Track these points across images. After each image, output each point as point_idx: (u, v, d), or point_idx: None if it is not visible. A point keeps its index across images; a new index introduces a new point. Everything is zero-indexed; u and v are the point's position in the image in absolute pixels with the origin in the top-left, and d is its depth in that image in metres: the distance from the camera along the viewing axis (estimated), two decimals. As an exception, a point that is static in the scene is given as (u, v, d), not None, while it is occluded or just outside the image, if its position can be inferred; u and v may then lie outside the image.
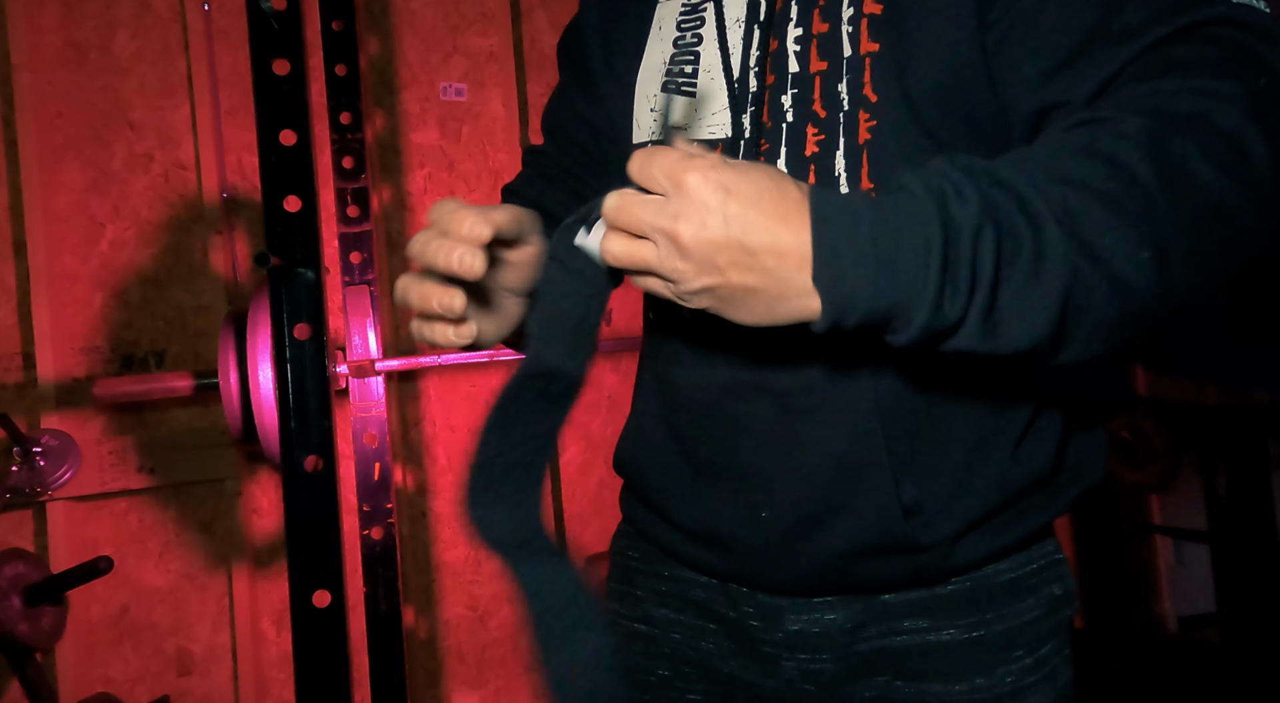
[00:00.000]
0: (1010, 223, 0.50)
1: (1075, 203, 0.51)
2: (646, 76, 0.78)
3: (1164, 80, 0.55)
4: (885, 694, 0.75)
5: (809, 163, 0.69)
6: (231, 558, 1.88)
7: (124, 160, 1.88)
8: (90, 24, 1.87)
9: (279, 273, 1.27)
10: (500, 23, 2.10)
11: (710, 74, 0.74)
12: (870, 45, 0.66)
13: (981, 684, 0.73)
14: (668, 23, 0.78)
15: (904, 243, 0.50)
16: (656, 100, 0.73)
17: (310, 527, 1.27)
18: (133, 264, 1.88)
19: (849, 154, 0.68)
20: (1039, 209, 0.50)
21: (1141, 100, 0.55)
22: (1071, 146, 0.53)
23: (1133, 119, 0.53)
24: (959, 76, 0.65)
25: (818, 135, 0.69)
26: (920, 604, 0.75)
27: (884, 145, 0.66)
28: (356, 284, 1.83)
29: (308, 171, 1.29)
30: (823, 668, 0.76)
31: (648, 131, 0.77)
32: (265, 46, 1.28)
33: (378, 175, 2.04)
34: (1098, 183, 0.51)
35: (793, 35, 0.70)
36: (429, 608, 2.04)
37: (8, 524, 1.78)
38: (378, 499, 1.77)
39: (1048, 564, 0.78)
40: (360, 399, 1.78)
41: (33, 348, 1.77)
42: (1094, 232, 0.50)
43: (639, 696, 0.84)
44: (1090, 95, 0.59)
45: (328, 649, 1.27)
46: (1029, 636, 0.75)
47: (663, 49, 0.77)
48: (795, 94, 0.70)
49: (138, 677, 1.86)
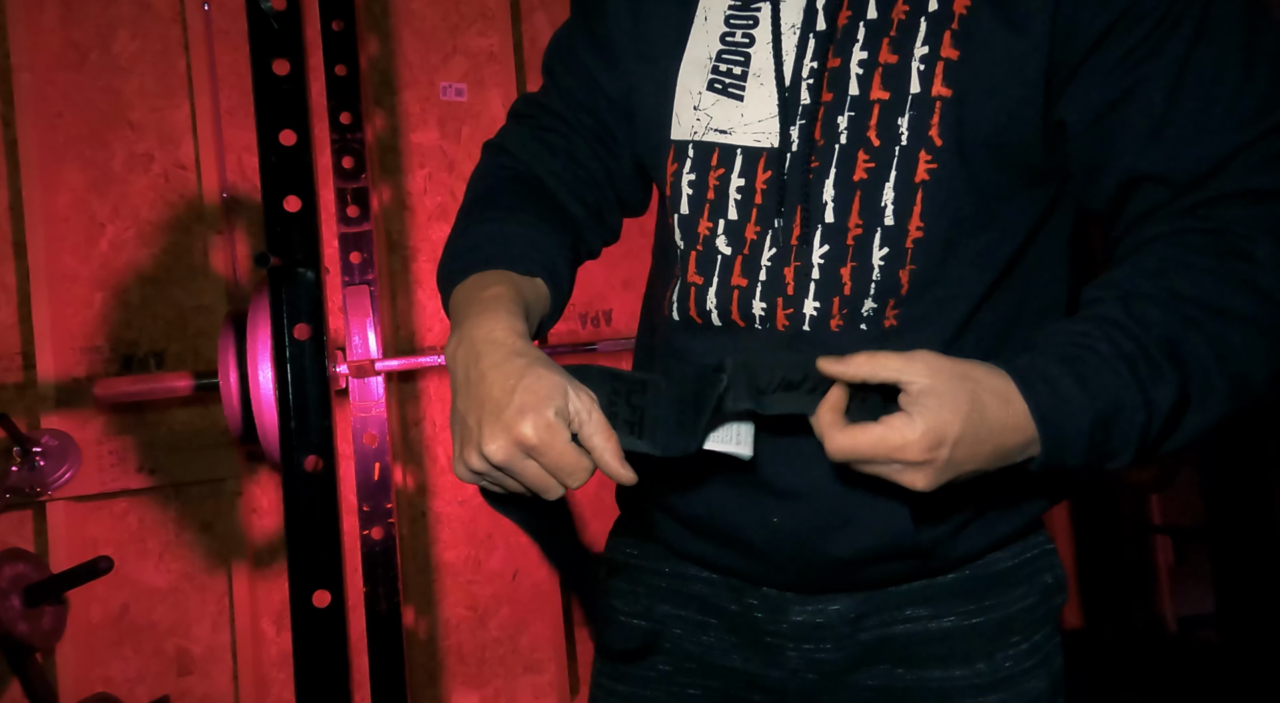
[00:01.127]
0: (1193, 384, 0.62)
1: (1232, 336, 0.62)
2: (690, 70, 0.75)
3: (1274, 176, 0.62)
4: (888, 682, 0.77)
5: (856, 188, 0.69)
6: (231, 558, 1.88)
7: (124, 160, 1.88)
8: (90, 24, 1.87)
9: (279, 273, 1.27)
10: (500, 23, 2.10)
11: (760, 79, 0.73)
12: (943, 89, 0.67)
13: (981, 669, 0.75)
14: (715, 15, 0.75)
15: (1115, 425, 0.62)
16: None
17: (310, 527, 1.27)
18: (133, 264, 1.88)
19: (899, 188, 0.68)
20: (1209, 362, 0.62)
21: (1260, 207, 0.63)
22: (1213, 272, 0.63)
23: (1264, 241, 0.62)
24: (1014, 131, 0.67)
25: (868, 163, 0.69)
26: (920, 593, 0.76)
27: (940, 187, 0.68)
28: (356, 284, 1.83)
29: (308, 172, 1.29)
30: (826, 657, 0.77)
31: (689, 130, 0.75)
32: (265, 46, 1.28)
33: (378, 175, 2.04)
34: (1249, 312, 0.62)
35: (857, 58, 0.69)
36: (429, 608, 2.04)
37: (8, 524, 1.78)
38: (378, 499, 1.77)
39: (1040, 554, 0.80)
40: (360, 399, 1.78)
41: (33, 348, 1.77)
42: (1248, 363, 0.63)
43: (640, 691, 0.85)
44: (1197, 177, 0.64)
45: (328, 649, 1.27)
46: (1024, 622, 0.77)
47: (708, 44, 0.75)
48: (852, 117, 0.69)
49: (138, 677, 1.86)
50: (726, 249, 0.74)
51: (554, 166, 0.84)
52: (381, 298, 1.94)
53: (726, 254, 0.74)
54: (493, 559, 2.08)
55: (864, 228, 0.69)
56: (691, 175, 0.75)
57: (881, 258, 0.69)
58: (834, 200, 0.70)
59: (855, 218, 0.69)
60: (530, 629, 2.09)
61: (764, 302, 0.72)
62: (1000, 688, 0.75)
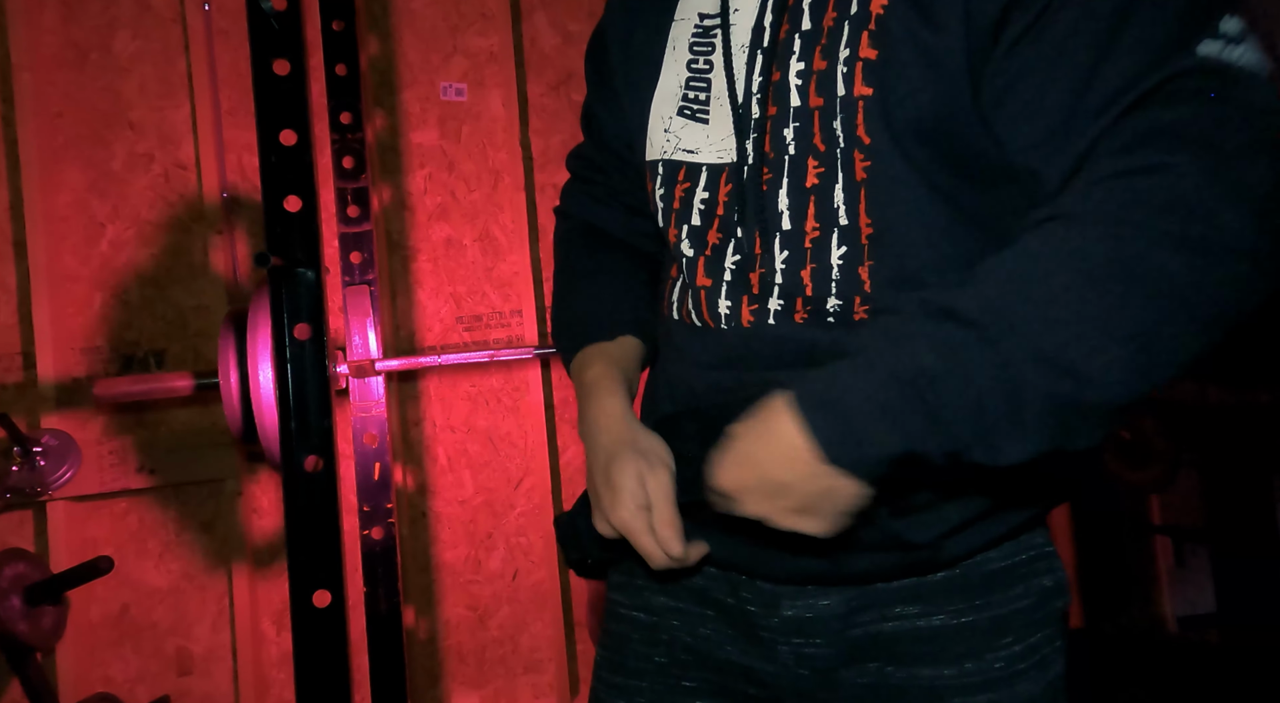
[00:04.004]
0: (987, 389, 0.57)
1: (1054, 315, 0.56)
2: (662, 98, 0.81)
3: (1128, 157, 0.58)
4: (878, 680, 0.77)
5: (809, 194, 0.72)
6: (231, 558, 1.88)
7: (124, 160, 1.88)
8: (90, 24, 1.87)
9: (279, 273, 1.27)
10: (500, 23, 2.10)
11: (720, 101, 0.77)
12: (864, 89, 0.68)
13: (970, 669, 0.75)
14: (681, 44, 0.80)
15: (887, 408, 0.59)
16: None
17: (310, 527, 1.27)
18: (133, 264, 1.88)
19: (847, 189, 0.71)
20: (1010, 355, 0.56)
21: (1104, 188, 0.58)
22: (1044, 255, 0.58)
23: (1093, 226, 0.57)
24: (948, 124, 0.68)
25: (818, 168, 0.71)
26: (911, 591, 0.76)
27: (879, 184, 0.69)
28: (356, 284, 1.83)
29: (308, 172, 1.29)
30: (817, 653, 0.78)
31: (659, 150, 0.81)
32: (265, 46, 1.28)
33: (378, 175, 2.04)
34: (1070, 294, 0.56)
35: (795, 68, 0.72)
36: (429, 608, 2.04)
37: (8, 524, 1.78)
38: (378, 499, 1.77)
39: (1038, 556, 0.80)
40: (360, 399, 1.78)
41: (33, 348, 1.77)
42: (1065, 346, 0.56)
43: (636, 682, 0.86)
44: (1065, 172, 0.62)
45: (328, 649, 1.27)
46: (1018, 623, 0.77)
47: (677, 72, 0.80)
48: (797, 127, 0.72)
49: (138, 677, 1.86)
50: (689, 252, 0.80)
51: (611, 215, 0.95)
52: (381, 298, 1.94)
53: (689, 256, 0.80)
54: (493, 559, 2.08)
55: (820, 230, 0.72)
56: (662, 190, 0.82)
57: (840, 257, 0.72)
58: (789, 208, 0.73)
59: (811, 221, 0.72)
60: (530, 629, 2.10)
61: (729, 301, 0.77)
62: (990, 689, 0.75)
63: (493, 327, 2.10)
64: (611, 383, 0.83)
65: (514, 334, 2.10)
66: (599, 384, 0.83)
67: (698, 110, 0.78)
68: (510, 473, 2.09)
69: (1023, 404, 0.56)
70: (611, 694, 0.88)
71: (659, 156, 0.81)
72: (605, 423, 0.79)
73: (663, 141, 0.81)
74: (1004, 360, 0.56)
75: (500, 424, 2.09)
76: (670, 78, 0.81)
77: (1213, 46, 0.58)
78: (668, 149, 0.80)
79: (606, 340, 0.87)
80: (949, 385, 0.57)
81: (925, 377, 0.57)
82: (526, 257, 2.08)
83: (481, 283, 2.10)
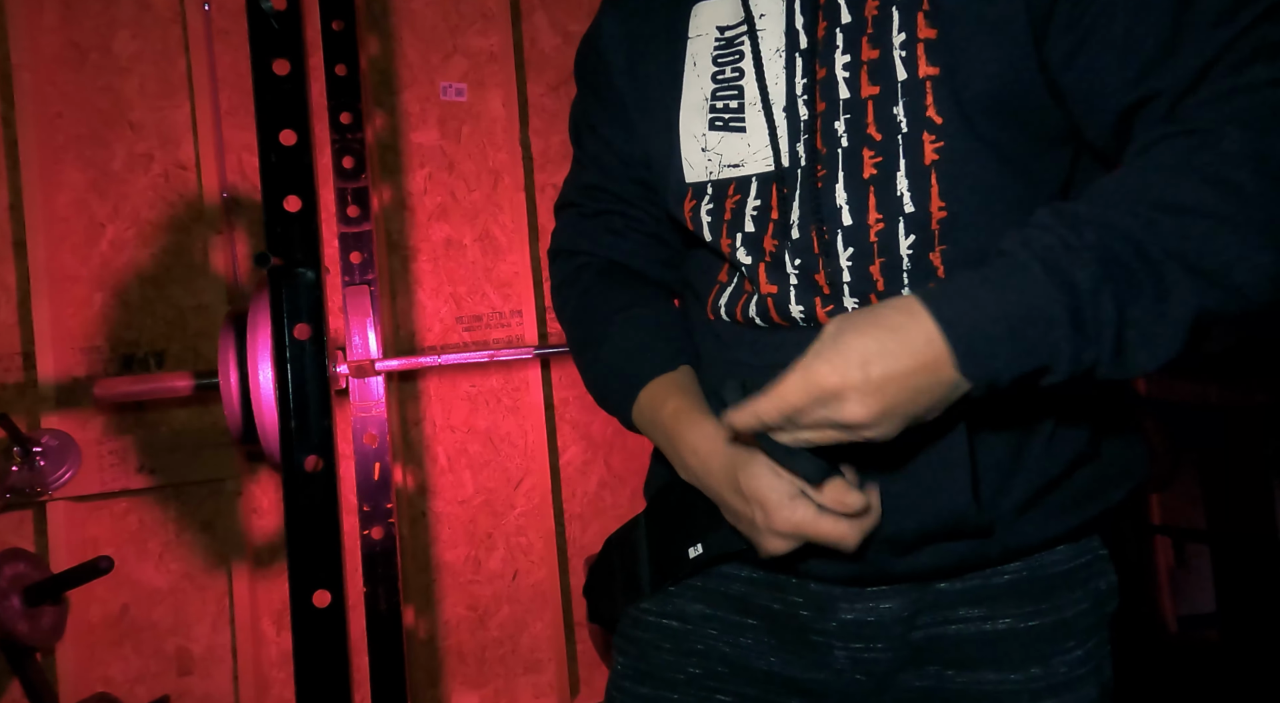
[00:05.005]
0: (1128, 272, 0.56)
1: (1192, 231, 0.56)
2: (690, 115, 0.78)
3: (1255, 69, 0.57)
4: (938, 684, 0.75)
5: (868, 185, 0.70)
6: (231, 558, 1.88)
7: (124, 160, 1.88)
8: (90, 24, 1.87)
9: (279, 273, 1.27)
10: (500, 23, 2.10)
11: (757, 107, 0.74)
12: (930, 69, 0.67)
13: (1037, 674, 0.74)
14: (703, 58, 0.78)
15: (1033, 320, 0.56)
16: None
17: (310, 527, 1.27)
18: (133, 264, 1.88)
19: (912, 174, 0.69)
20: (1153, 251, 0.56)
21: (1238, 100, 0.58)
22: (1175, 168, 0.57)
23: (1231, 131, 0.56)
24: (1016, 92, 0.67)
25: (874, 157, 0.70)
26: (975, 594, 0.75)
27: (953, 164, 0.68)
28: (356, 284, 1.83)
29: (308, 172, 1.29)
30: (878, 657, 0.76)
31: (703, 171, 0.78)
32: (265, 46, 1.28)
33: (378, 175, 2.04)
34: (1211, 205, 0.55)
35: (840, 62, 0.70)
36: (429, 608, 2.04)
37: (8, 524, 1.78)
38: (378, 499, 1.77)
39: (1094, 559, 0.79)
40: (360, 399, 1.78)
41: (33, 348, 1.77)
42: (1213, 256, 0.55)
43: (666, 694, 0.82)
44: (1187, 85, 0.61)
45: (328, 649, 1.27)
46: (1079, 628, 0.76)
47: (702, 86, 0.78)
48: (848, 119, 0.70)
49: (138, 677, 1.86)
50: (747, 259, 0.76)
51: (633, 247, 0.90)
52: (381, 298, 1.94)
53: (748, 263, 0.76)
54: (493, 559, 2.08)
55: (885, 221, 0.70)
56: (710, 205, 0.78)
57: (909, 246, 0.70)
58: (848, 203, 0.71)
59: (874, 214, 0.70)
60: (530, 629, 2.09)
61: (800, 305, 0.74)
62: (1055, 693, 0.74)
63: (493, 327, 2.10)
64: (698, 410, 0.76)
65: (514, 334, 2.10)
66: (685, 414, 0.76)
67: (730, 119, 0.76)
68: (510, 473, 2.09)
69: (1166, 314, 0.56)
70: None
71: (704, 179, 0.78)
72: (710, 447, 0.72)
73: (704, 161, 0.77)
74: (1155, 272, 0.55)
75: (500, 424, 2.09)
76: (695, 93, 0.78)
77: None
78: (712, 169, 0.77)
79: (670, 371, 0.80)
80: (1099, 300, 0.55)
81: (1073, 290, 0.56)
82: (526, 257, 2.07)
83: (481, 283, 2.10)
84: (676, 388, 0.79)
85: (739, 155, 0.76)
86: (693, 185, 0.79)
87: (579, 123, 0.92)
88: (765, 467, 0.67)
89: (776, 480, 0.67)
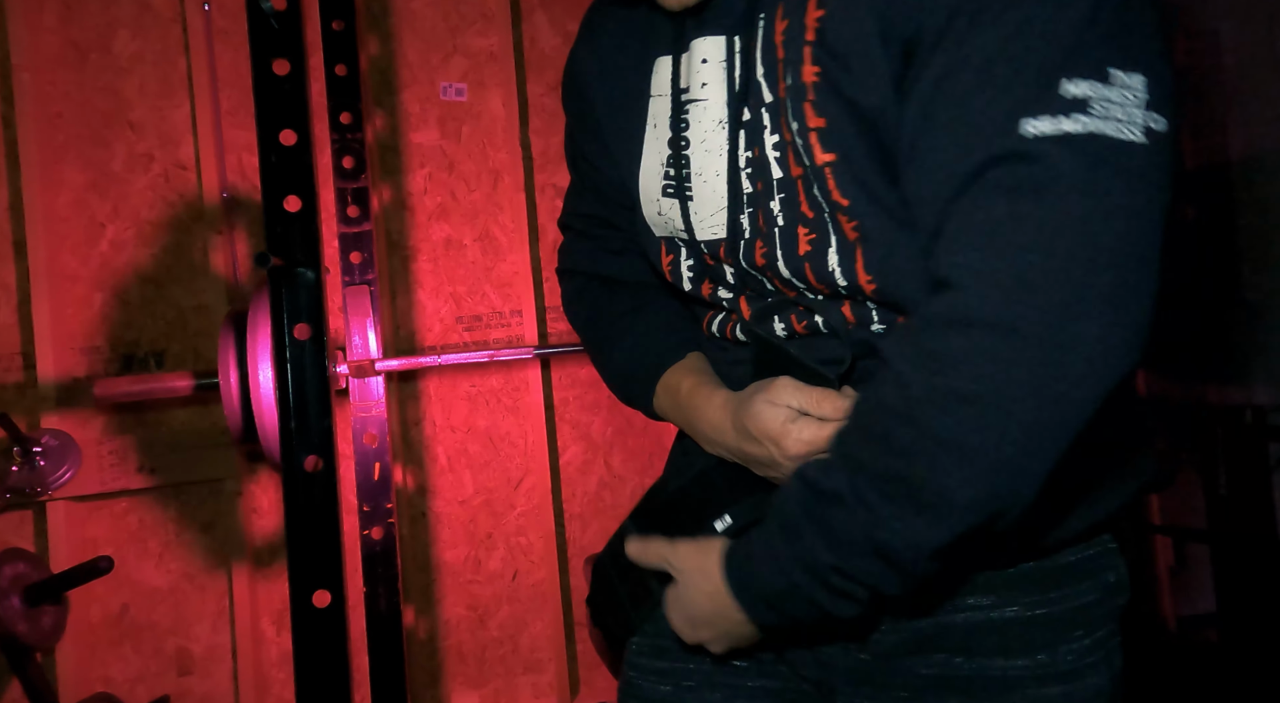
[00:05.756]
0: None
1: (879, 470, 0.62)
2: (648, 178, 0.82)
3: (931, 303, 0.60)
4: (945, 671, 0.77)
5: (804, 261, 0.72)
6: (231, 558, 1.88)
7: (124, 160, 1.88)
8: (90, 24, 1.87)
9: (279, 273, 1.27)
10: (500, 23, 2.10)
11: (703, 178, 0.76)
12: (825, 156, 0.67)
13: (1044, 661, 0.75)
14: (661, 122, 0.80)
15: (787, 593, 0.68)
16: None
17: (310, 527, 1.27)
18: (133, 264, 1.88)
19: (840, 251, 0.70)
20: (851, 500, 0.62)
21: (901, 345, 0.62)
22: (877, 416, 0.63)
23: (891, 389, 0.61)
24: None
25: (809, 234, 0.71)
26: (984, 582, 0.76)
27: (870, 241, 0.68)
28: (356, 284, 1.83)
29: (308, 172, 1.29)
30: (880, 638, 0.78)
31: (663, 228, 0.82)
32: (265, 46, 1.28)
33: (378, 175, 2.04)
34: (878, 463, 0.61)
35: (770, 142, 0.72)
36: (429, 608, 2.04)
37: (8, 524, 1.78)
38: (378, 499, 1.77)
39: (1104, 551, 0.80)
40: (360, 399, 1.78)
41: (33, 348, 1.77)
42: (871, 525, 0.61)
43: (682, 665, 0.85)
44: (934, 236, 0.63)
45: (328, 649, 1.27)
46: (1087, 617, 0.77)
47: (659, 150, 0.80)
48: (783, 198, 0.72)
49: (138, 677, 1.86)
50: (728, 295, 0.82)
51: (629, 265, 0.94)
52: (381, 298, 1.94)
53: (729, 298, 0.82)
54: (493, 559, 2.08)
55: (826, 292, 0.73)
56: (690, 261, 0.83)
57: (849, 310, 0.73)
58: (793, 276, 0.74)
59: (816, 285, 0.73)
60: (530, 629, 2.09)
61: (783, 322, 0.78)
62: (1062, 681, 0.75)
63: (493, 327, 2.10)
64: (709, 385, 0.82)
65: (514, 334, 2.10)
66: (698, 391, 0.82)
67: (681, 187, 0.78)
68: (510, 473, 2.09)
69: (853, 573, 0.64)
70: (654, 680, 0.86)
71: (664, 234, 0.83)
72: (720, 413, 0.79)
73: (661, 222, 0.82)
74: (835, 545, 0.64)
75: (500, 424, 2.09)
76: (653, 157, 0.81)
77: (1041, 123, 0.55)
78: (666, 229, 0.82)
79: (681, 360, 0.87)
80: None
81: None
82: (526, 257, 2.08)
83: (481, 283, 2.10)
84: (689, 371, 0.85)
85: (684, 223, 0.79)
86: (664, 239, 0.84)
87: (571, 147, 0.96)
88: (761, 402, 0.72)
89: (774, 409, 0.72)
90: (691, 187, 0.77)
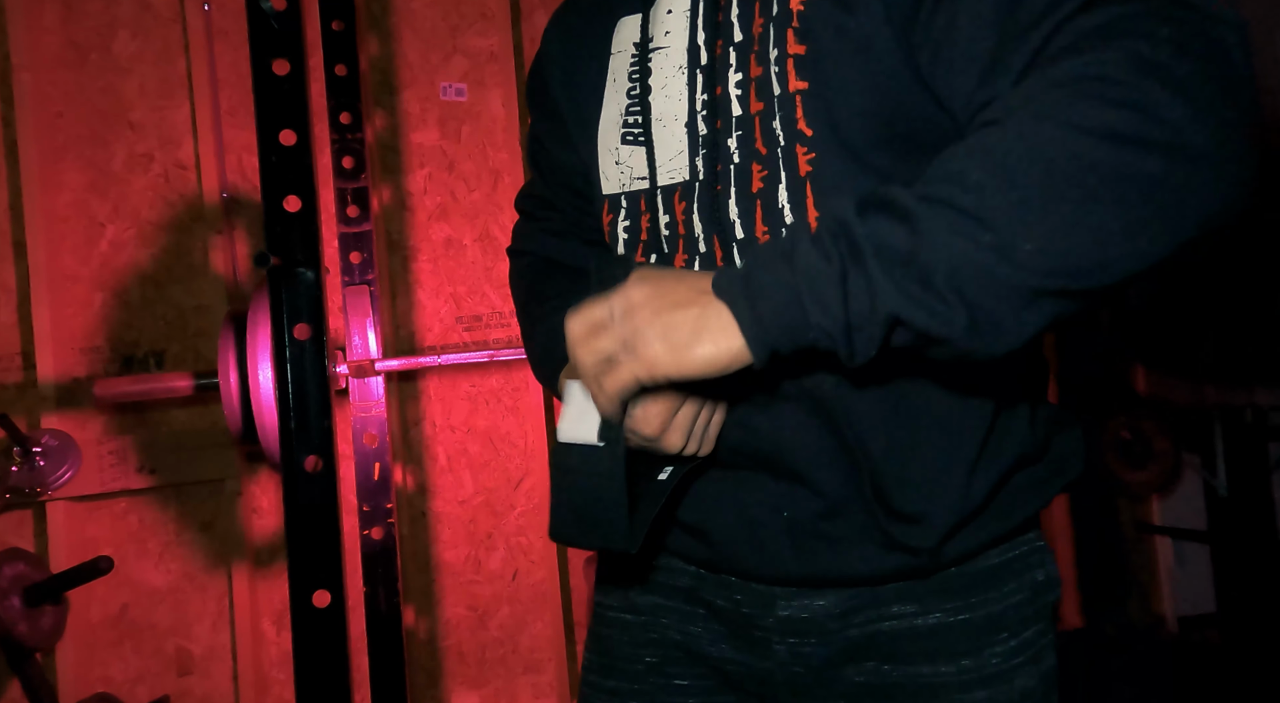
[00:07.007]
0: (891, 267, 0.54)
1: (973, 212, 0.53)
2: (606, 129, 0.82)
3: (1061, 65, 0.55)
4: (874, 678, 0.78)
5: (756, 199, 0.72)
6: (231, 558, 1.88)
7: (124, 160, 1.88)
8: (90, 24, 1.87)
9: (279, 273, 1.27)
10: (500, 23, 2.10)
11: (662, 122, 0.77)
12: (799, 83, 0.69)
13: (968, 666, 0.76)
14: (620, 75, 0.81)
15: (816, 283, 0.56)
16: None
17: (310, 527, 1.27)
18: (133, 264, 1.88)
19: (790, 187, 0.70)
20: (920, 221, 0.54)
21: (1023, 87, 0.56)
22: (963, 154, 0.55)
23: (1011, 122, 0.54)
24: (889, 107, 0.67)
25: (762, 171, 0.72)
26: (907, 590, 0.77)
27: (824, 175, 0.69)
28: (356, 284, 1.83)
29: (308, 172, 1.29)
30: (813, 651, 0.79)
31: (617, 183, 0.81)
32: (265, 46, 1.28)
33: (378, 175, 2.04)
34: (985, 190, 0.53)
35: (733, 80, 0.73)
36: (429, 608, 2.04)
37: (8, 524, 1.78)
38: (378, 499, 1.77)
39: (1030, 551, 0.81)
40: (360, 399, 1.78)
41: (33, 348, 1.77)
42: (980, 238, 0.52)
43: (626, 684, 0.87)
44: (1012, 87, 0.60)
45: (328, 649, 1.27)
46: (1012, 619, 0.78)
47: (618, 102, 0.81)
48: (739, 136, 0.73)
49: (138, 677, 1.86)
50: None
51: (570, 248, 0.96)
52: (381, 298, 1.94)
53: None
54: (493, 559, 2.08)
55: (770, 234, 0.72)
56: (626, 222, 0.82)
57: None
58: (739, 217, 0.74)
59: (760, 226, 0.73)
60: (530, 629, 2.10)
61: None
62: (987, 684, 0.76)
63: (492, 327, 2.10)
64: None
65: (514, 334, 2.10)
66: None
67: (640, 134, 0.79)
68: (510, 473, 2.10)
69: (945, 298, 0.54)
70: (602, 697, 0.88)
71: (618, 190, 0.82)
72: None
73: (618, 174, 0.81)
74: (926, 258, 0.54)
75: (500, 424, 2.09)
76: (612, 108, 0.82)
77: None
78: (625, 181, 0.81)
79: None
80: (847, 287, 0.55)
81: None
82: (526, 257, 2.08)
83: (481, 283, 2.10)
84: None
85: (646, 169, 0.79)
86: (609, 197, 0.83)
87: (530, 137, 0.98)
88: (657, 414, 0.68)
89: (672, 427, 0.68)
90: (651, 132, 0.78)
